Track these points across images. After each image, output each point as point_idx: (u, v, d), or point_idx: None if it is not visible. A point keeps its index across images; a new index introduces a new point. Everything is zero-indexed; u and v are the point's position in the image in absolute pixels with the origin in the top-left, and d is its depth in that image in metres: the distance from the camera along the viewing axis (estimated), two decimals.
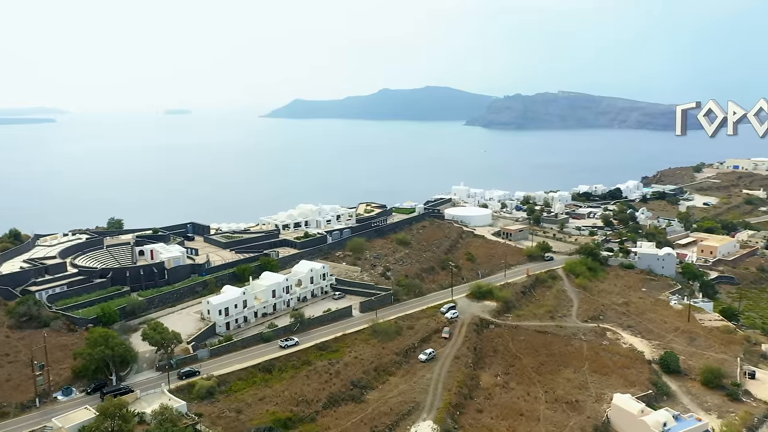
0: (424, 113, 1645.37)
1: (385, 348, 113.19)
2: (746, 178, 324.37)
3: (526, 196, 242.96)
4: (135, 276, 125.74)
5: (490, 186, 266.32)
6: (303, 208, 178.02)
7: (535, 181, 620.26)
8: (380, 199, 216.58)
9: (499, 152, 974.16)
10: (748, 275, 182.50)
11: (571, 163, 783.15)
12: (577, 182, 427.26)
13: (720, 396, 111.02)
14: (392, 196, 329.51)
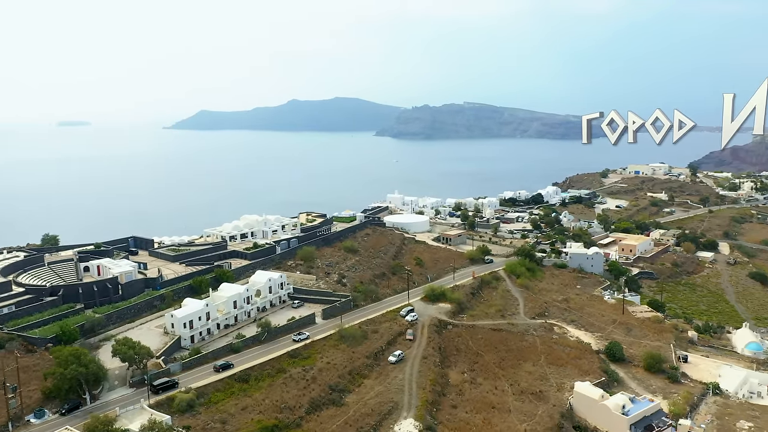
0: (334, 124, 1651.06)
1: (355, 352, 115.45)
2: (648, 182, 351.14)
3: (458, 203, 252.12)
4: (88, 292, 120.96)
5: (410, 194, 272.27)
6: (248, 219, 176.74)
7: (448, 189, 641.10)
8: (301, 209, 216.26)
9: (410, 162, 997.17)
10: (665, 270, 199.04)
11: (481, 171, 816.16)
12: (490, 189, 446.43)
13: (662, 379, 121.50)
14: (313, 206, 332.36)
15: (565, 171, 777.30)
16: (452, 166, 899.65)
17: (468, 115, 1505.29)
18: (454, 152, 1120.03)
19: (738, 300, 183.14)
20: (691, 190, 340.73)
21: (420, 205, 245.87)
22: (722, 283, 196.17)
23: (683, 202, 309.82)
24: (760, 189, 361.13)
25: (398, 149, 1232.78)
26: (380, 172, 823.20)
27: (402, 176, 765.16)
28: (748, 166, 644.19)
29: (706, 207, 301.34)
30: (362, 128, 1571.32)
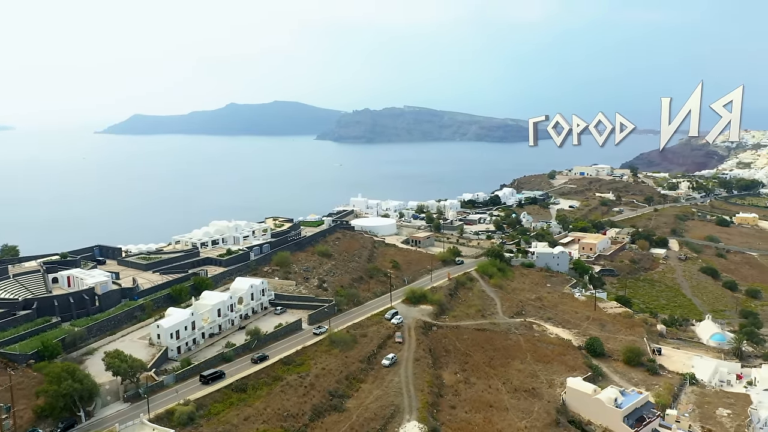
0: (273, 128, 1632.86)
1: (348, 357, 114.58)
2: (595, 182, 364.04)
3: (420, 206, 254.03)
4: (64, 305, 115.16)
5: (358, 197, 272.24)
6: (218, 225, 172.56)
7: (393, 191, 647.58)
8: (244, 213, 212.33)
9: (353, 165, 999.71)
10: (624, 267, 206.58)
11: (424, 173, 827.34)
12: (436, 191, 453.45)
13: (641, 372, 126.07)
14: (258, 210, 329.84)
15: (505, 173, 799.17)
16: (395, 168, 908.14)
17: (408, 119, 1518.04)
18: (395, 155, 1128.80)
19: (694, 294, 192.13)
20: (634, 190, 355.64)
21: (384, 208, 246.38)
22: (677, 278, 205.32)
23: (629, 201, 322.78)
24: (697, 188, 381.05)
25: (340, 153, 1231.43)
26: (324, 175, 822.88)
27: (346, 179, 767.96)
28: (675, 166, 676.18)
29: (651, 206, 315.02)
30: (303, 132, 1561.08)
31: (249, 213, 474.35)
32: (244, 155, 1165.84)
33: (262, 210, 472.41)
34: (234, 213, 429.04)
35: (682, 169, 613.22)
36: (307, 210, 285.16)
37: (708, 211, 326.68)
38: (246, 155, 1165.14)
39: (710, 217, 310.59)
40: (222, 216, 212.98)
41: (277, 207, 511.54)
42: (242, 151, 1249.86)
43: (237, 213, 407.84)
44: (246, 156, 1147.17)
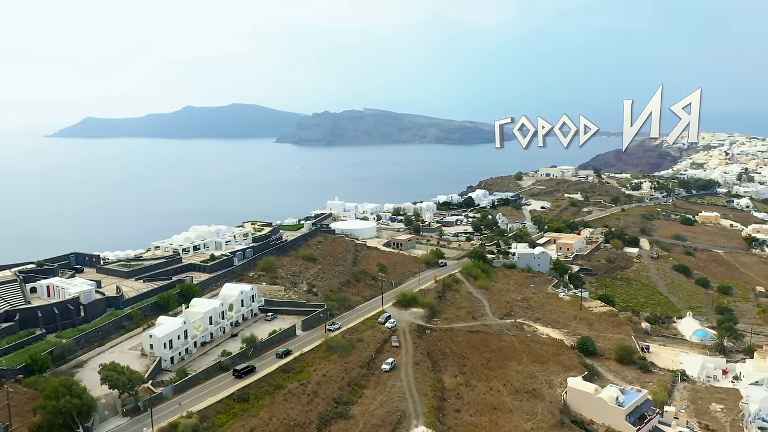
0: (231, 131, 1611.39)
1: (348, 363, 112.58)
2: (562, 183, 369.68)
3: (397, 208, 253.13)
4: (48, 316, 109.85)
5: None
6: (199, 230, 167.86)
7: (356, 194, 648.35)
8: (214, 219, 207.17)
9: (315, 168, 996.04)
10: (601, 266, 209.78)
11: (386, 176, 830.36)
12: (399, 194, 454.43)
13: (634, 370, 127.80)
14: (224, 215, 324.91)
15: (468, 174, 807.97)
16: (357, 171, 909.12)
17: (368, 122, 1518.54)
18: (356, 158, 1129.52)
19: (670, 291, 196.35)
20: (600, 191, 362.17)
21: (361, 211, 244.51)
22: (652, 276, 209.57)
23: (597, 201, 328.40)
24: (658, 188, 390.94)
25: (301, 156, 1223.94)
26: (286, 178, 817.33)
27: (308, 182, 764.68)
28: (630, 167, 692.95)
29: (618, 206, 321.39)
30: (262, 135, 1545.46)
31: (213, 217, 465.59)
32: (204, 158, 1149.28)
33: (226, 214, 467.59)
34: (200, 217, 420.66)
35: (636, 170, 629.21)
36: (276, 214, 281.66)
37: (672, 210, 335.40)
38: (205, 158, 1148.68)
39: (674, 216, 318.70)
40: (185, 221, 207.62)
41: (243, 211, 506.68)
42: (201, 155, 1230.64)
43: (203, 217, 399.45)
44: (205, 159, 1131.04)
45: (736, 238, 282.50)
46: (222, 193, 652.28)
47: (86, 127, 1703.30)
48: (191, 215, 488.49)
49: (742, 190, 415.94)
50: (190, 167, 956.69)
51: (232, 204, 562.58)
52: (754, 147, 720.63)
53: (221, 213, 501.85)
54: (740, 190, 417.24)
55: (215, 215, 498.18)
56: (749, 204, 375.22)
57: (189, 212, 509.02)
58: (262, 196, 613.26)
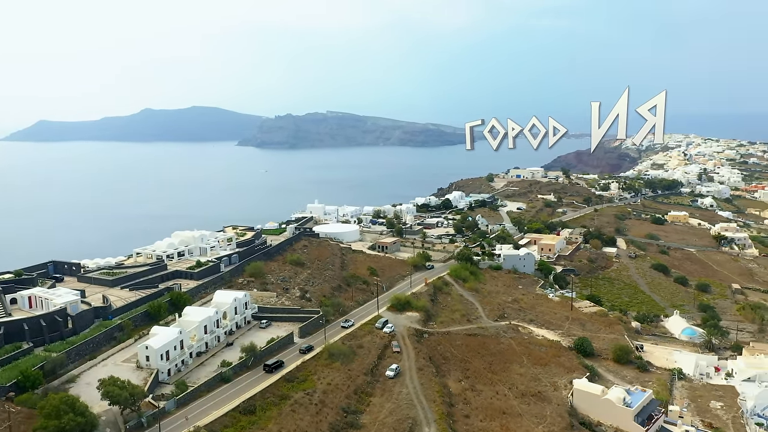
0: (192, 134, 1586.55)
1: (351, 370, 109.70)
2: (535, 185, 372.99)
3: (377, 211, 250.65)
4: (35, 328, 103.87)
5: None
6: (182, 236, 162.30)
7: (324, 196, 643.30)
8: (179, 223, 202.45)
9: (278, 171, 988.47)
10: (583, 266, 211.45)
11: (351, 178, 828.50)
12: (365, 196, 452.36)
13: (632, 369, 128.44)
14: (191, 220, 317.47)
15: (433, 177, 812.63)
16: (322, 173, 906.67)
17: (331, 124, 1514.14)
18: (320, 160, 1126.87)
19: (652, 290, 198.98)
20: (572, 191, 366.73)
21: (341, 214, 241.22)
22: (633, 275, 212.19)
23: (570, 202, 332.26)
24: (626, 189, 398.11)
25: (264, 159, 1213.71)
26: (251, 181, 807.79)
27: (273, 185, 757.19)
28: (591, 168, 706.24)
29: (590, 206, 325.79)
30: (223, 138, 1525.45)
31: (181, 221, 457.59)
32: (164, 161, 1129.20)
33: (197, 218, 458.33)
34: (168, 222, 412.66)
35: (597, 171, 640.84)
36: (247, 218, 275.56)
37: (641, 210, 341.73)
38: (165, 161, 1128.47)
39: (644, 216, 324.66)
40: (158, 226, 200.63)
41: (211, 215, 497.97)
42: (160, 158, 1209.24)
43: (170, 222, 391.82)
44: (165, 162, 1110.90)
45: (705, 237, 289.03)
46: (186, 197, 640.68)
47: (39, 130, 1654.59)
48: (160, 220, 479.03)
49: (705, 190, 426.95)
50: (151, 171, 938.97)
51: (198, 208, 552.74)
52: (710, 148, 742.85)
53: (190, 217, 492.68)
54: (703, 190, 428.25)
55: (182, 219, 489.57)
56: (713, 203, 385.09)
57: (155, 218, 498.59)
58: (230, 200, 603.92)
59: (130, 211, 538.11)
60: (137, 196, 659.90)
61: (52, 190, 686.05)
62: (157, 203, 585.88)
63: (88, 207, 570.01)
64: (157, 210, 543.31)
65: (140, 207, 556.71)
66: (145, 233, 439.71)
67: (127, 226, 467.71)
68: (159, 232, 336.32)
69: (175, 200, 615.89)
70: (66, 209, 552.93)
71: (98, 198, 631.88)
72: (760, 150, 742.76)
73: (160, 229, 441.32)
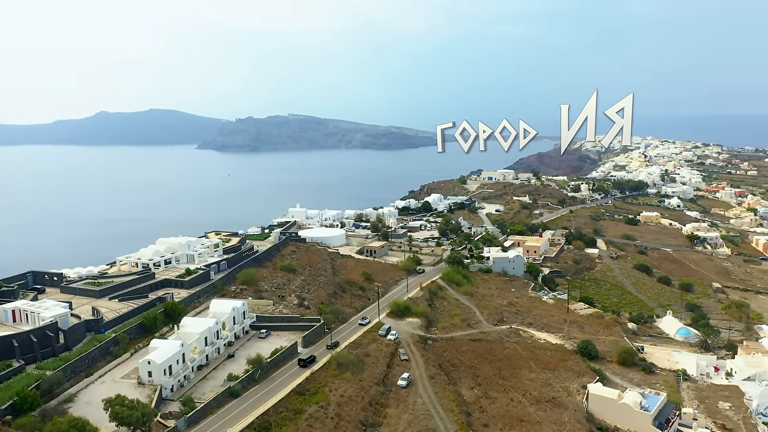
0: (150, 137, 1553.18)
1: (362, 380, 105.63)
2: (509, 187, 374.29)
3: (359, 214, 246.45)
4: (25, 345, 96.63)
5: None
6: (168, 243, 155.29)
7: (289, 200, 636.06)
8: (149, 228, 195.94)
9: (241, 174, 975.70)
10: (570, 268, 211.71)
11: (314, 180, 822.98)
12: (343, 199, 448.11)
13: (637, 372, 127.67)
14: (166, 226, 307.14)
15: (399, 179, 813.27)
16: (286, 176, 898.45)
17: (293, 127, 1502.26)
18: (282, 163, 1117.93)
19: (638, 291, 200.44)
20: (545, 193, 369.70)
21: (323, 218, 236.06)
22: (617, 276, 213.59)
23: (545, 204, 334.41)
24: (596, 190, 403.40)
25: (224, 162, 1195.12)
26: (213, 185, 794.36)
27: (235, 189, 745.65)
28: (551, 170, 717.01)
29: (564, 208, 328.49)
30: (182, 141, 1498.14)
31: (153, 226, 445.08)
32: (122, 165, 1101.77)
33: (167, 226, 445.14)
34: (132, 226, 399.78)
35: (559, 173, 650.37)
36: (216, 222, 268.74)
37: (614, 211, 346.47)
38: (123, 165, 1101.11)
39: (617, 216, 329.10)
40: (116, 233, 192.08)
41: (181, 220, 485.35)
42: (117, 161, 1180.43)
43: (144, 226, 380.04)
44: (124, 166, 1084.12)
45: (679, 237, 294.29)
46: (149, 201, 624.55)
47: None
48: (127, 225, 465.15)
49: (670, 191, 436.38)
50: (108, 175, 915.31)
51: (164, 212, 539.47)
52: (667, 150, 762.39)
53: (160, 221, 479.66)
54: (669, 191, 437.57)
55: (153, 224, 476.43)
56: (680, 203, 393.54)
57: (122, 222, 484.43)
58: (194, 205, 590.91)
59: (91, 216, 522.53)
60: (93, 200, 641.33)
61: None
62: (125, 210, 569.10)
63: (41, 211, 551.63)
64: (127, 215, 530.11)
65: (106, 211, 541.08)
66: (110, 238, 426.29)
67: (90, 231, 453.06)
68: (130, 237, 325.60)
69: (137, 204, 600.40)
70: (17, 214, 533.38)
71: (50, 203, 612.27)
72: (714, 152, 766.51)
73: (128, 233, 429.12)
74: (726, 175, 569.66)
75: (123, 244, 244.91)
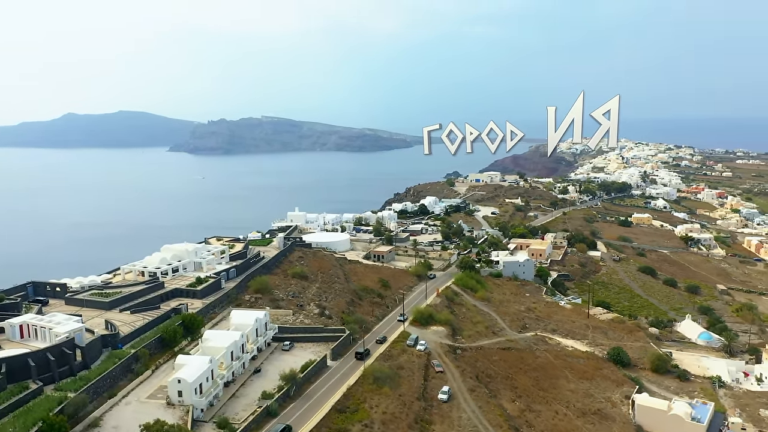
0: (119, 140, 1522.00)
1: (402, 395, 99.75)
2: (499, 189, 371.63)
3: (358, 218, 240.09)
4: (42, 364, 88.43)
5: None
6: (174, 250, 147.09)
7: (267, 203, 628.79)
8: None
9: (215, 177, 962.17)
10: (577, 271, 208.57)
11: (290, 183, 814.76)
12: (320, 202, 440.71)
13: (672, 379, 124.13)
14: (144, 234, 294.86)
15: (378, 182, 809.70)
16: (261, 180, 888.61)
17: (267, 129, 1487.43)
18: (257, 166, 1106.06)
19: (648, 294, 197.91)
20: (535, 195, 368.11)
21: (322, 222, 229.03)
22: (624, 279, 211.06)
23: (537, 206, 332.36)
24: (583, 191, 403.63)
25: (198, 165, 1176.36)
26: (189, 189, 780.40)
27: (213, 192, 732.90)
28: (527, 171, 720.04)
29: (557, 210, 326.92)
30: (153, 144, 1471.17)
31: (118, 230, 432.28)
32: (93, 168, 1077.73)
33: (144, 233, 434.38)
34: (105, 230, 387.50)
35: (534, 174, 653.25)
36: (200, 227, 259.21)
37: (604, 212, 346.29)
38: (95, 168, 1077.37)
39: (609, 218, 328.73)
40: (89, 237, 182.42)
41: (164, 225, 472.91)
42: (87, 164, 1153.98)
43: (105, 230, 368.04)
44: (96, 169, 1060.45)
45: (673, 238, 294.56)
46: (123, 206, 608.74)
47: None
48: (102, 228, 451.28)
49: (654, 192, 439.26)
50: (86, 177, 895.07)
51: (139, 217, 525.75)
52: (643, 152, 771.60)
53: (127, 226, 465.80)
54: (653, 192, 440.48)
55: (118, 227, 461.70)
56: (666, 205, 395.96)
57: (96, 226, 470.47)
58: (174, 209, 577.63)
59: (67, 221, 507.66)
60: (70, 204, 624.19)
61: None
62: (99, 215, 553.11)
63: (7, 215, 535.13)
64: (99, 219, 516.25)
65: (86, 217, 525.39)
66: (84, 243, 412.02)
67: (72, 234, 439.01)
68: (129, 243, 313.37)
69: (114, 209, 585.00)
70: None
71: (16, 207, 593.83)
72: (687, 153, 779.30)
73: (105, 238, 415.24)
74: (702, 177, 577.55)
75: (113, 250, 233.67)
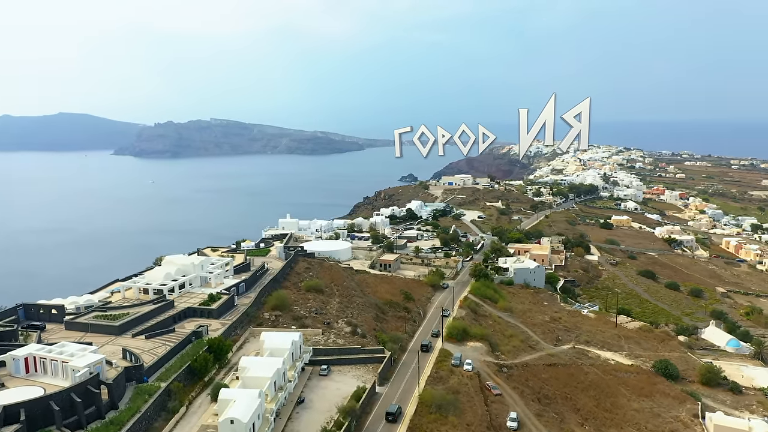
0: (60, 143, 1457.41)
1: (470, 425, 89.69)
2: (476, 192, 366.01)
3: (350, 224, 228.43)
4: (66, 407, 74.35)
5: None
6: (178, 263, 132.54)
7: (225, 207, 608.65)
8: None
9: (166, 181, 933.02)
10: (581, 277, 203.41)
11: (244, 187, 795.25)
12: (285, 206, 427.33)
13: (725, 392, 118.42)
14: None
15: (335, 185, 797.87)
16: (214, 183, 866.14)
17: (216, 132, 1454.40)
18: (208, 170, 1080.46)
19: (656, 298, 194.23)
20: (512, 198, 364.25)
21: (314, 228, 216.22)
22: (627, 283, 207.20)
23: (518, 209, 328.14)
24: (555, 194, 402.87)
25: (145, 169, 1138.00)
26: (138, 193, 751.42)
27: (162, 196, 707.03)
28: (481, 174, 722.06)
29: (538, 212, 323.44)
30: (96, 147, 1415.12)
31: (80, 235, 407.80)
32: (35, 172, 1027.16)
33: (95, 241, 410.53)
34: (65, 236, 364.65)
35: (483, 176, 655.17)
36: (169, 233, 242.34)
37: (582, 215, 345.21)
38: (37, 172, 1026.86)
39: (589, 221, 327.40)
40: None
41: (125, 229, 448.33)
42: (27, 168, 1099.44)
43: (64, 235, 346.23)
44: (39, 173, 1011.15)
45: (656, 240, 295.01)
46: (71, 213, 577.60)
47: None
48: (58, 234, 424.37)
49: (622, 194, 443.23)
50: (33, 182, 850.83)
51: (90, 224, 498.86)
52: (597, 154, 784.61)
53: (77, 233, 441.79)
54: (620, 194, 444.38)
55: (75, 232, 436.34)
56: (636, 206, 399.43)
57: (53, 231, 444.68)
58: (132, 214, 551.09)
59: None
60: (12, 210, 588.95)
61: None
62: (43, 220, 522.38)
63: None
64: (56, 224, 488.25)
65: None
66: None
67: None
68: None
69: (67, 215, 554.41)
70: None
71: None
72: (639, 156, 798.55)
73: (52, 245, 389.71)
74: (658, 178, 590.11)
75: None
